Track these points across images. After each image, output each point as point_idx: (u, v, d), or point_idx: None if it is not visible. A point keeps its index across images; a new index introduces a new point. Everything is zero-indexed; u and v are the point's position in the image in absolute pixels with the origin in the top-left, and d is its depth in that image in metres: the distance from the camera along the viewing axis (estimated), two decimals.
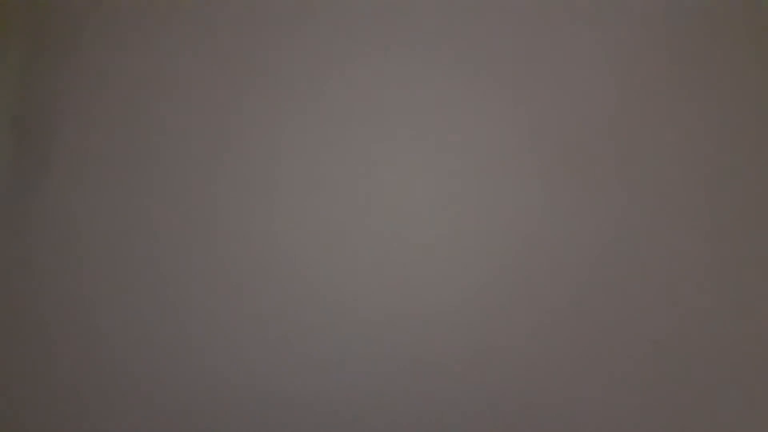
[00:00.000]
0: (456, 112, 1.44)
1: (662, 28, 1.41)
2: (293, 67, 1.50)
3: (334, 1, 1.50)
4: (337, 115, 1.47)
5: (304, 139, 1.48)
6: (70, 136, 1.55)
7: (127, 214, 1.53)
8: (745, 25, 1.40)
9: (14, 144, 1.58)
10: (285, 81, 1.50)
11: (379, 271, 1.43)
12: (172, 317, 1.49)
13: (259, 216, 1.48)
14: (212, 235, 1.49)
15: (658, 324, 1.35)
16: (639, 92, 1.41)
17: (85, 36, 1.57)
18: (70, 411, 1.51)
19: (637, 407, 1.34)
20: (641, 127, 1.40)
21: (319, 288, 1.44)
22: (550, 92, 1.42)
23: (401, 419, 1.40)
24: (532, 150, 1.42)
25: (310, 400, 1.42)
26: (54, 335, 1.54)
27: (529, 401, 1.36)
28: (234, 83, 1.51)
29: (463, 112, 1.44)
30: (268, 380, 1.44)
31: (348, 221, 1.45)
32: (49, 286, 1.54)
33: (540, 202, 1.40)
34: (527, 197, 1.41)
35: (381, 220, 1.44)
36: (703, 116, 1.39)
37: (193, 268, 1.49)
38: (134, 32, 1.56)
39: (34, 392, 1.54)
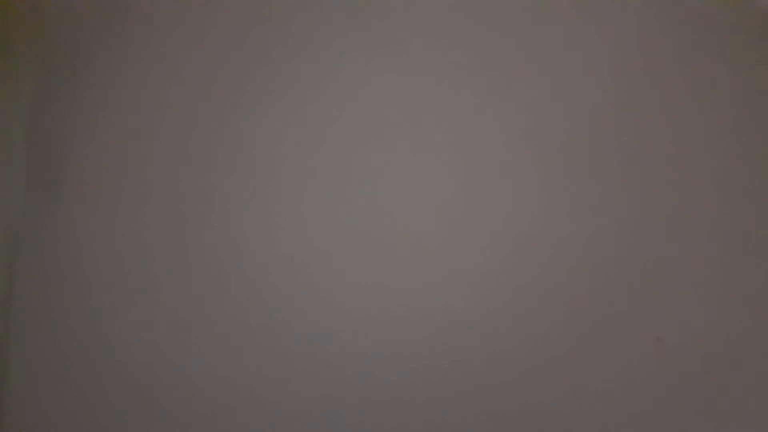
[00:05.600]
0: (455, 112, 1.45)
1: (662, 27, 1.41)
2: (293, 69, 1.50)
3: (334, 3, 1.50)
4: (335, 118, 1.48)
5: (305, 143, 1.49)
6: (81, 159, 1.56)
7: (138, 233, 1.53)
8: (745, 25, 1.40)
9: (28, 167, 1.59)
10: (285, 83, 1.50)
11: (382, 274, 1.43)
12: (183, 329, 1.50)
13: (264, 222, 1.49)
14: (223, 248, 1.50)
15: (660, 322, 1.35)
16: (639, 91, 1.41)
17: (94, 58, 1.58)
18: (78, 418, 1.53)
19: (640, 407, 1.35)
20: (642, 126, 1.40)
21: (323, 292, 1.45)
22: (551, 92, 1.42)
23: (407, 423, 1.40)
24: (533, 151, 1.42)
25: (316, 405, 1.42)
26: (68, 354, 1.54)
27: (532, 401, 1.37)
28: (243, 97, 1.52)
29: (463, 113, 1.44)
30: (274, 385, 1.44)
31: (349, 224, 1.45)
32: (64, 306, 1.55)
33: (542, 203, 1.40)
34: (529, 198, 1.41)
35: (382, 222, 1.45)
36: (704, 115, 1.39)
37: (207, 283, 1.50)
38: (142, 50, 1.56)
39: (48, 403, 1.55)
